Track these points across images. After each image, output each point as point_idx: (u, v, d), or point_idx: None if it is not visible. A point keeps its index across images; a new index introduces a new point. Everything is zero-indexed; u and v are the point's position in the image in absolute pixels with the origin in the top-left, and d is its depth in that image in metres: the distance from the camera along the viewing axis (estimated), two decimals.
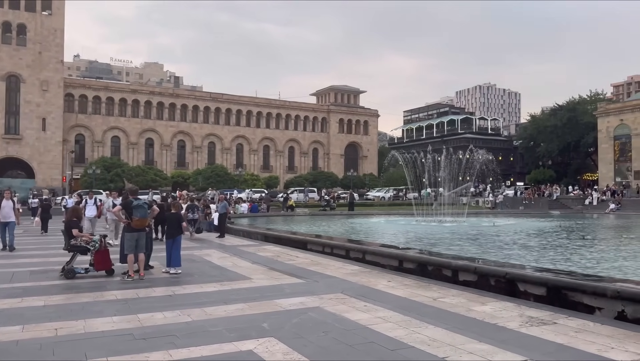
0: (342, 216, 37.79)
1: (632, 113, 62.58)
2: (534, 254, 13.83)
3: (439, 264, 9.97)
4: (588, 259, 12.86)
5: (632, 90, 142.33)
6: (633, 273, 10.41)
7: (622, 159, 63.69)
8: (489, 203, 51.33)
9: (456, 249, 14.88)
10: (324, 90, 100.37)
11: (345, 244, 13.96)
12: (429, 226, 26.13)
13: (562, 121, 77.27)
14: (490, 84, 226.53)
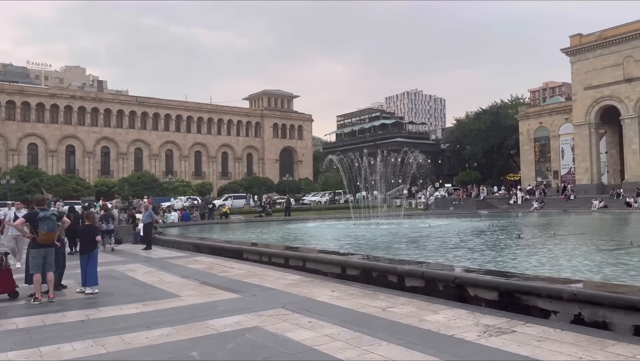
0: (279, 221, 36.91)
1: (550, 116, 66.44)
2: (477, 255, 13.70)
3: (384, 270, 9.41)
4: (530, 258, 12.85)
5: (547, 95, 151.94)
6: (579, 272, 10.38)
7: (542, 159, 67.39)
8: (421, 204, 52.42)
9: (398, 253, 14.51)
10: (257, 94, 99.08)
11: (284, 252, 13.16)
12: (367, 229, 25.89)
13: (486, 125, 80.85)
14: (417, 90, 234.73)
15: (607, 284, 6.93)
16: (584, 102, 56.43)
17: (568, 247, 15.20)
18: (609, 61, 53.79)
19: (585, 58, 56.16)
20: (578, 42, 57.00)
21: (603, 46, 54.33)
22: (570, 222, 29.67)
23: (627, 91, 52.39)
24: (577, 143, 57.93)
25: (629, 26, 52.66)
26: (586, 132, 56.37)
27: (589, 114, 56.00)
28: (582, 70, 56.42)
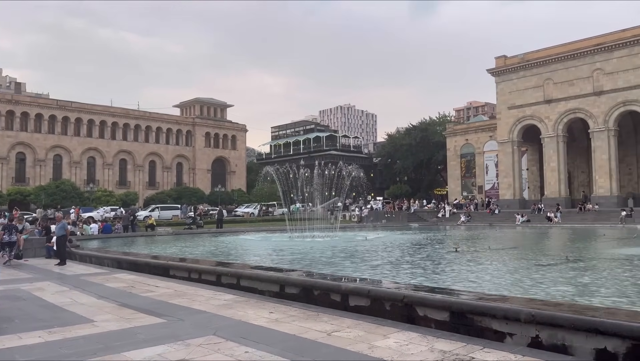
0: (210, 234, 35.34)
1: (476, 134, 69.49)
2: (420, 270, 13.39)
3: (327, 288, 8.73)
4: (472, 274, 12.66)
5: (470, 114, 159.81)
6: (523, 288, 10.22)
7: (467, 175, 70.21)
8: (355, 216, 52.60)
9: (340, 269, 13.89)
10: (189, 102, 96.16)
11: (216, 268, 12.13)
12: (304, 242, 25.18)
13: (416, 140, 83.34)
14: (350, 105, 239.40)
15: (566, 303, 6.67)
16: (507, 120, 59.39)
17: (507, 262, 15.26)
18: (530, 82, 57.09)
19: (509, 79, 59.27)
20: (503, 63, 60.09)
21: (525, 68, 57.62)
22: (499, 236, 30.62)
23: (547, 111, 55.76)
24: (501, 160, 60.77)
25: (549, 50, 56.24)
26: (509, 149, 59.28)
27: (512, 132, 58.97)
28: (506, 90, 59.46)
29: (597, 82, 51.96)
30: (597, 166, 52.05)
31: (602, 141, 51.61)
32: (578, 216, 46.54)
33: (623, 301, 8.70)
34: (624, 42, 49.81)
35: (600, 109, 51.63)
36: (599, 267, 13.75)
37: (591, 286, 10.25)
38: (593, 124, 52.32)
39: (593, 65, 52.29)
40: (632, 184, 55.51)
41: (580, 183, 60.48)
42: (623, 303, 8.46)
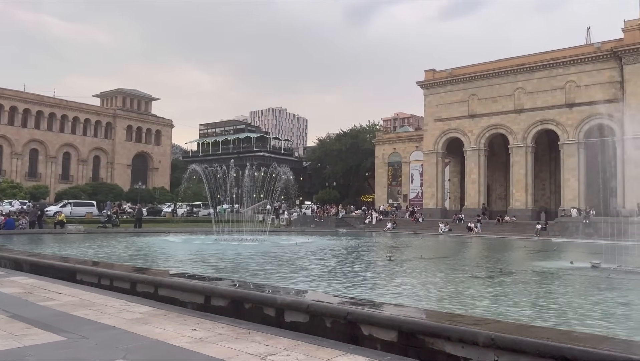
0: (127, 234, 32.93)
1: (403, 143, 71.21)
2: (358, 280, 12.73)
3: (260, 301, 7.80)
4: (416, 289, 12.16)
5: (397, 125, 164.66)
6: (470, 304, 9.81)
7: (394, 183, 71.75)
8: (284, 220, 51.76)
9: (272, 278, 12.91)
10: (111, 92, 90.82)
11: (131, 274, 10.77)
12: (231, 246, 23.86)
13: (346, 146, 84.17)
14: (282, 107, 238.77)
15: (527, 326, 6.22)
16: (433, 132, 61.27)
17: (444, 273, 14.97)
18: (457, 96, 59.27)
19: (437, 92, 61.21)
20: (432, 76, 61.99)
21: (453, 83, 59.76)
22: (427, 245, 31.00)
23: (470, 125, 58.09)
24: (426, 170, 62.56)
25: (475, 67, 58.70)
26: (434, 160, 61.16)
27: (437, 143, 60.88)
28: (433, 103, 61.33)
29: (518, 100, 54.88)
30: (515, 180, 54.89)
31: (520, 157, 54.51)
32: (496, 227, 48.69)
33: (592, 324, 8.45)
34: (544, 64, 53.00)
35: (520, 126, 54.55)
36: (535, 280, 13.80)
37: (539, 302, 10.02)
38: (513, 140, 55.14)
39: (515, 84, 55.18)
40: (545, 199, 59.13)
41: (497, 195, 63.56)
42: (591, 325, 8.24)
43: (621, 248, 25.80)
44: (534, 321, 8.30)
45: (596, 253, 21.22)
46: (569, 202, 50.42)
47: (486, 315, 8.36)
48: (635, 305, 10.15)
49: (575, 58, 51.30)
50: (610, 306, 9.82)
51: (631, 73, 47.15)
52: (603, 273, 14.69)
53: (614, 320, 8.72)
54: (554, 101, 52.57)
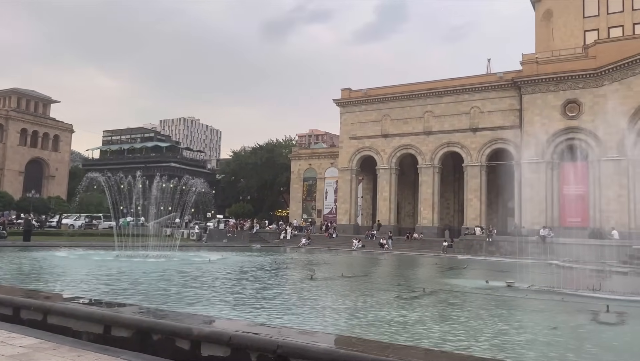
0: (14, 248, 29.35)
1: (319, 159, 71.68)
2: (278, 301, 11.83)
3: (172, 332, 6.75)
4: (343, 310, 11.49)
5: (312, 141, 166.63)
6: (409, 333, 9.29)
7: (308, 198, 71.82)
8: (194, 235, 49.44)
9: (184, 302, 11.64)
10: (4, 92, 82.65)
11: (14, 298, 9.12)
12: (135, 263, 21.84)
13: (262, 160, 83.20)
14: (194, 118, 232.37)
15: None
16: (348, 150, 62.26)
17: (369, 294, 14.45)
18: (371, 116, 60.79)
19: (352, 111, 62.40)
20: (348, 95, 63.17)
21: (367, 103, 61.27)
22: (344, 261, 30.82)
23: (383, 144, 59.74)
24: (340, 186, 63.27)
25: (388, 89, 60.68)
26: (348, 177, 62.04)
27: (352, 161, 61.90)
28: (349, 121, 62.43)
29: (427, 122, 57.39)
30: (423, 199, 57.07)
31: (428, 177, 56.85)
32: (406, 244, 50.09)
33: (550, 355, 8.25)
34: (452, 90, 55.99)
35: (428, 147, 56.99)
36: (463, 301, 13.74)
37: (485, 331, 9.70)
38: (421, 160, 57.42)
39: (425, 107, 57.70)
40: (449, 217, 62.03)
41: (406, 213, 65.72)
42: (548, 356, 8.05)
43: (522, 266, 27.24)
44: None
45: (504, 271, 22.11)
46: (472, 221, 53.21)
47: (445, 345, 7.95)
48: (563, 328, 10.30)
49: (480, 85, 54.77)
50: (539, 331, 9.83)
51: (528, 102, 51.14)
52: (519, 293, 15.12)
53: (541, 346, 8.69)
54: (460, 125, 55.57)
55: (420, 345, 7.27)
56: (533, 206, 49.41)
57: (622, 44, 47.97)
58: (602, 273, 21.06)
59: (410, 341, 7.97)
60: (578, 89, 48.69)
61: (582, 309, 12.42)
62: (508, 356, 7.40)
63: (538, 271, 22.92)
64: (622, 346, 8.83)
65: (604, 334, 10.09)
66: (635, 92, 45.78)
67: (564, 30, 63.51)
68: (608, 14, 60.26)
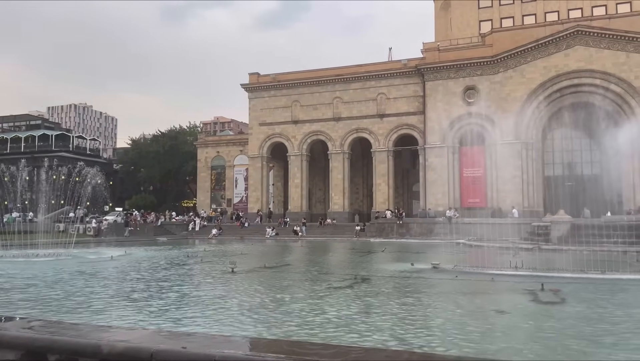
0: None
1: (227, 147, 69.35)
2: (210, 304, 10.46)
3: (74, 350, 5.34)
4: (283, 304, 10.36)
5: (217, 129, 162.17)
6: (356, 330, 8.42)
7: (217, 187, 69.36)
8: (91, 229, 45.38)
9: (90, 309, 9.90)
10: None
11: None
12: (20, 265, 19.02)
13: (164, 148, 78.91)
14: (87, 105, 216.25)
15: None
16: (258, 136, 60.80)
17: (299, 285, 13.46)
18: (281, 102, 59.76)
19: (261, 96, 60.92)
20: (256, 80, 61.51)
21: (277, 88, 60.10)
22: (261, 251, 29.67)
23: (293, 131, 59.07)
24: (251, 174, 61.77)
25: (297, 74, 59.95)
26: (259, 164, 60.69)
27: (262, 148, 60.56)
28: (258, 107, 60.90)
29: (337, 109, 57.59)
30: (333, 185, 57.41)
31: (338, 162, 57.23)
32: (319, 230, 50.03)
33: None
34: (359, 76, 56.57)
35: (338, 133, 57.29)
36: (396, 288, 13.22)
37: (442, 321, 9.02)
38: (332, 146, 57.61)
39: (334, 93, 57.81)
40: (359, 202, 63.11)
41: (318, 199, 65.85)
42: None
43: (433, 246, 27.94)
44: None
45: (420, 253, 22.37)
46: (380, 205, 54.47)
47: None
48: (512, 311, 10.04)
49: (386, 72, 55.88)
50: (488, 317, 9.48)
51: (431, 89, 53.07)
52: (449, 275, 15.08)
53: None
54: (367, 111, 56.42)
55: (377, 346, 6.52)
56: (436, 188, 51.64)
57: (515, 33, 51.28)
58: (510, 250, 22.05)
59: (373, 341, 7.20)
60: (476, 76, 51.32)
61: (516, 288, 12.57)
62: (479, 350, 6.84)
63: (450, 250, 23.48)
64: (586, 331, 8.36)
65: (556, 315, 9.83)
66: (527, 79, 49.17)
67: (461, 20, 66.84)
68: (500, 5, 64.32)
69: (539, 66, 49.01)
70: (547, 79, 48.60)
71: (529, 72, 49.16)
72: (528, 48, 48.95)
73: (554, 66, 48.48)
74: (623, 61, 46.14)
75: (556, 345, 7.30)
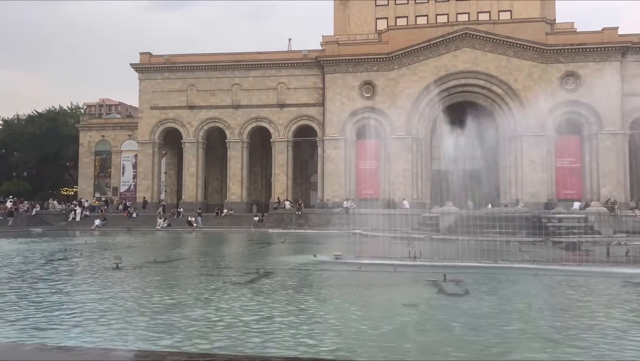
0: None
1: (114, 131, 64.43)
2: (98, 310, 9.11)
3: None
4: (178, 304, 9.31)
5: (103, 111, 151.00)
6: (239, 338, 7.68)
7: (102, 174, 64.29)
8: None
9: None
10: None
11: None
12: None
13: (42, 130, 71.58)
14: None
15: None
16: (150, 121, 57.22)
17: (199, 281, 12.37)
18: (175, 85, 56.70)
19: (153, 78, 57.31)
20: (148, 60, 57.71)
21: (171, 70, 56.90)
22: (151, 243, 27.68)
23: (189, 116, 56.41)
24: (141, 161, 58.00)
25: (194, 57, 57.25)
26: (150, 150, 57.18)
27: (153, 133, 57.10)
28: (150, 89, 57.24)
29: (236, 96, 56.00)
30: (232, 174, 55.89)
31: (237, 151, 55.78)
32: (215, 221, 48.43)
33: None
34: (259, 64, 55.46)
35: (237, 121, 55.79)
36: (305, 282, 12.66)
37: (358, 321, 8.47)
38: (230, 134, 55.98)
39: (233, 79, 56.11)
40: (257, 192, 62.23)
41: (214, 188, 63.80)
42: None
43: (332, 236, 28.13)
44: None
45: (320, 243, 22.25)
46: (279, 195, 54.11)
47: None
48: (422, 305, 9.94)
49: (286, 62, 55.39)
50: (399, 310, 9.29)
51: (330, 81, 53.60)
52: (352, 267, 14.96)
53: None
54: (268, 100, 55.58)
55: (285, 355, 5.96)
56: (334, 180, 52.48)
57: (410, 32, 53.49)
58: (405, 240, 22.76)
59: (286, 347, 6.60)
60: (373, 72, 52.76)
61: (420, 279, 12.75)
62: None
63: (349, 241, 23.73)
64: (498, 323, 8.47)
65: (468, 311, 9.86)
66: (419, 77, 51.56)
67: (359, 16, 68.43)
68: (396, 4, 66.79)
69: (431, 65, 51.62)
70: (438, 78, 51.35)
71: (421, 71, 51.60)
72: (421, 47, 51.30)
73: (444, 65, 51.37)
74: (504, 65, 50.18)
75: (476, 340, 7.33)
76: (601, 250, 18.64)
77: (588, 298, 11.50)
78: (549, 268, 15.28)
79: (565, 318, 9.14)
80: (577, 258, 16.78)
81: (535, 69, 49.85)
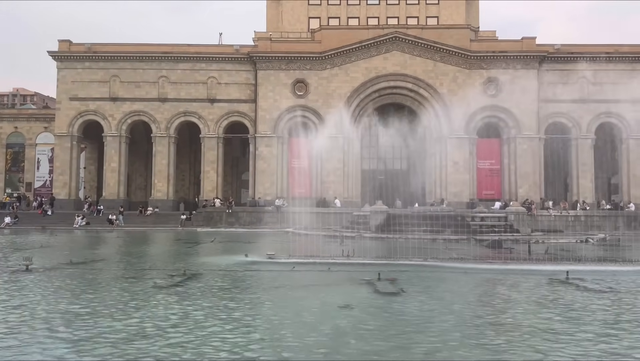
0: None
1: (28, 122, 59.88)
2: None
3: None
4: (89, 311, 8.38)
5: (17, 102, 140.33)
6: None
7: (14, 169, 59.66)
8: None
9: None
10: None
11: None
12: None
13: None
14: None
15: None
16: (68, 112, 53.61)
17: (122, 285, 11.36)
18: (97, 75, 53.50)
19: (73, 67, 53.78)
20: (67, 48, 54.06)
21: (92, 59, 53.64)
22: (68, 243, 25.66)
23: (112, 109, 53.42)
24: (57, 155, 54.19)
25: (117, 47, 54.37)
26: (68, 144, 53.56)
27: (72, 125, 53.55)
28: (69, 79, 53.63)
29: (163, 88, 53.76)
30: (157, 171, 53.58)
31: (163, 147, 53.56)
32: (139, 219, 46.20)
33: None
34: (189, 56, 53.58)
35: (164, 115, 53.58)
36: (236, 284, 12.02)
37: (281, 325, 7.96)
38: (156, 129, 53.67)
39: (160, 71, 53.84)
40: (184, 190, 60.13)
41: (138, 185, 60.91)
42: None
43: (263, 235, 27.64)
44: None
45: (251, 242, 21.66)
46: (208, 193, 52.63)
47: None
48: (358, 306, 9.66)
49: (217, 56, 53.93)
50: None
51: (263, 78, 52.85)
52: (286, 267, 14.56)
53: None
54: (197, 94, 53.86)
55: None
56: (266, 178, 51.85)
57: (342, 33, 53.96)
58: (336, 238, 22.77)
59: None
60: (306, 70, 52.66)
61: (354, 278, 12.59)
62: None
63: (281, 239, 23.38)
64: (437, 325, 8.40)
65: (404, 310, 9.81)
66: (351, 77, 52.13)
67: (292, 14, 68.10)
68: (328, 4, 67.16)
69: (362, 66, 52.35)
70: (368, 79, 52.17)
71: (353, 72, 52.20)
72: (353, 48, 51.88)
73: (375, 67, 52.29)
74: (431, 69, 51.90)
75: (419, 343, 7.22)
76: (523, 248, 19.62)
77: (519, 295, 11.89)
78: (478, 268, 15.76)
79: (503, 317, 9.34)
80: (502, 256, 17.50)
81: (460, 74, 51.98)
